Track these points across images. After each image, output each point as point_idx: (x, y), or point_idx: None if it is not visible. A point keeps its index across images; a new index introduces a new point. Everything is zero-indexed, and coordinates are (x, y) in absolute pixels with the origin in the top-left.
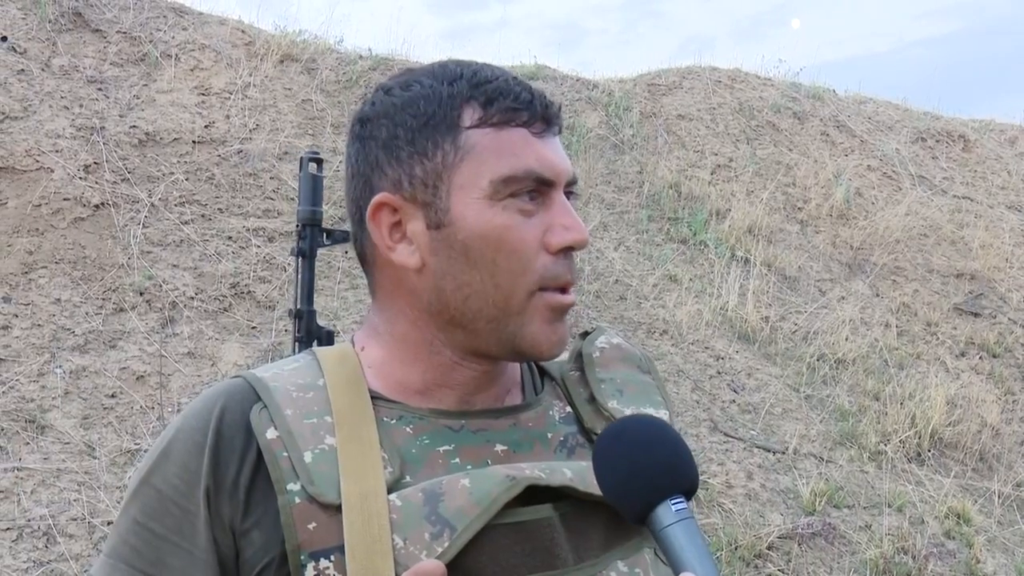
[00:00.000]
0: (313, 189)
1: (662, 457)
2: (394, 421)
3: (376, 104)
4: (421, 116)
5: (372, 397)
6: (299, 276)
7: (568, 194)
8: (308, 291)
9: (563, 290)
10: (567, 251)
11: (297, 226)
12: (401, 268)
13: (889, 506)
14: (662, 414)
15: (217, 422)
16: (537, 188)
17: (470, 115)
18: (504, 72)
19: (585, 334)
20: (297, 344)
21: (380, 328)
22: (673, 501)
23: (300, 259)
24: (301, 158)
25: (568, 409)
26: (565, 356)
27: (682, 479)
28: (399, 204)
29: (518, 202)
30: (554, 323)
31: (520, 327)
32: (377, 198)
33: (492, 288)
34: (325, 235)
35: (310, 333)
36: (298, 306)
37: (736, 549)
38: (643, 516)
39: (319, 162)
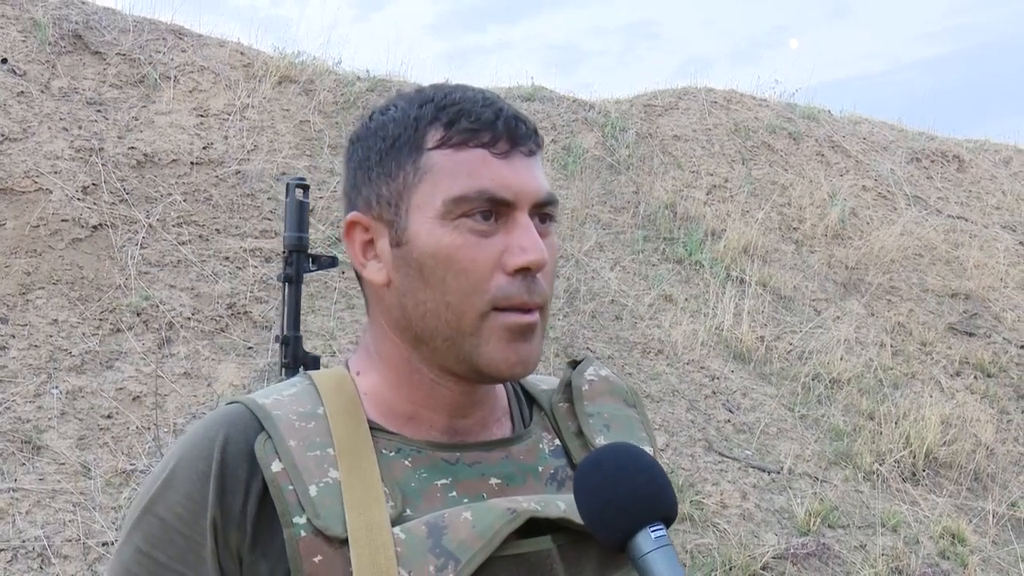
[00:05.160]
0: (299, 215)
1: (641, 485)
2: (393, 454)
3: (362, 127)
4: (389, 138)
5: (370, 427)
6: (285, 302)
7: (545, 216)
8: (295, 317)
9: (524, 310)
10: (524, 272)
11: (284, 252)
12: (374, 285)
13: (884, 526)
14: (646, 451)
15: (221, 451)
16: (493, 208)
17: (432, 136)
18: (478, 95)
19: (574, 363)
20: (284, 370)
21: (371, 348)
22: (652, 528)
23: (287, 285)
24: (287, 184)
25: (557, 442)
26: (554, 385)
27: (661, 507)
28: (368, 223)
29: (470, 222)
30: (514, 343)
31: (476, 347)
32: (348, 217)
33: (444, 307)
34: (311, 260)
35: (296, 359)
36: (284, 332)
37: (731, 569)
38: (623, 543)
39: (305, 188)
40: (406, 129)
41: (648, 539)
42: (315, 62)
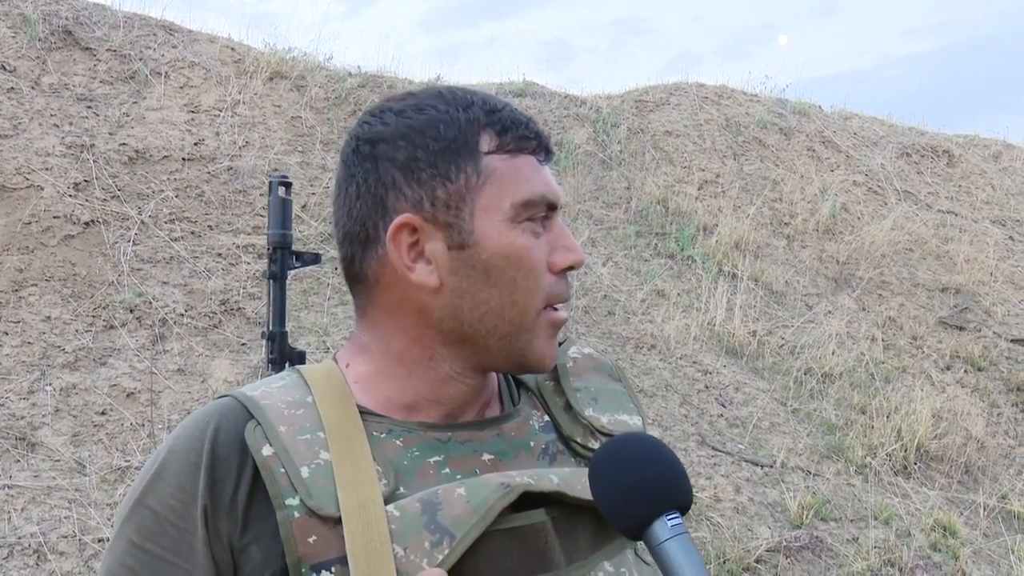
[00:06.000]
0: (283, 213)
1: (658, 474)
2: (383, 435)
3: (390, 125)
4: (442, 140)
5: (360, 412)
6: (271, 298)
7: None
8: (280, 313)
9: (557, 307)
10: (568, 270)
11: (268, 249)
12: (415, 287)
13: (876, 519)
14: (635, 420)
15: (211, 441)
16: (547, 212)
17: (487, 141)
18: (505, 101)
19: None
20: (270, 366)
21: (371, 346)
22: (669, 517)
23: (272, 282)
24: (270, 182)
25: (546, 418)
26: None
27: (678, 496)
28: (419, 224)
29: (534, 225)
30: (552, 339)
31: (528, 343)
32: (400, 219)
33: (510, 305)
34: (295, 257)
35: (282, 354)
36: (270, 328)
37: (724, 562)
38: (639, 532)
39: (287, 186)
40: (460, 132)
41: (665, 527)
42: (306, 58)
